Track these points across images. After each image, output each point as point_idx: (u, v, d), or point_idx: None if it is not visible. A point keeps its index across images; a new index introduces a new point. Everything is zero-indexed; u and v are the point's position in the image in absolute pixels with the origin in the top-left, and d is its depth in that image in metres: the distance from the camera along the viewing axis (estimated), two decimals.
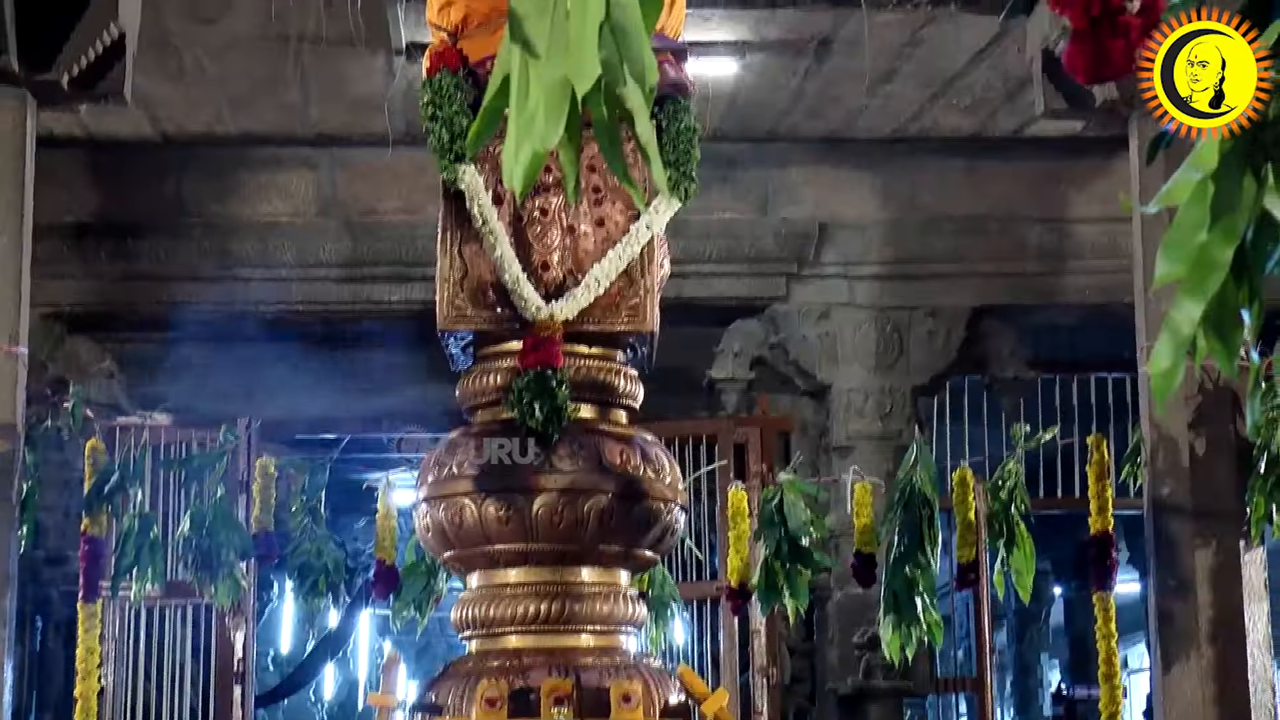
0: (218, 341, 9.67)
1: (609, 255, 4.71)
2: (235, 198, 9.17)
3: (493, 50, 4.65)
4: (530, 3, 1.78)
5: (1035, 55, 6.85)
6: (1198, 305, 1.75)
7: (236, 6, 7.43)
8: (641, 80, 1.79)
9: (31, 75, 6.20)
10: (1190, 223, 1.73)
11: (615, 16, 1.77)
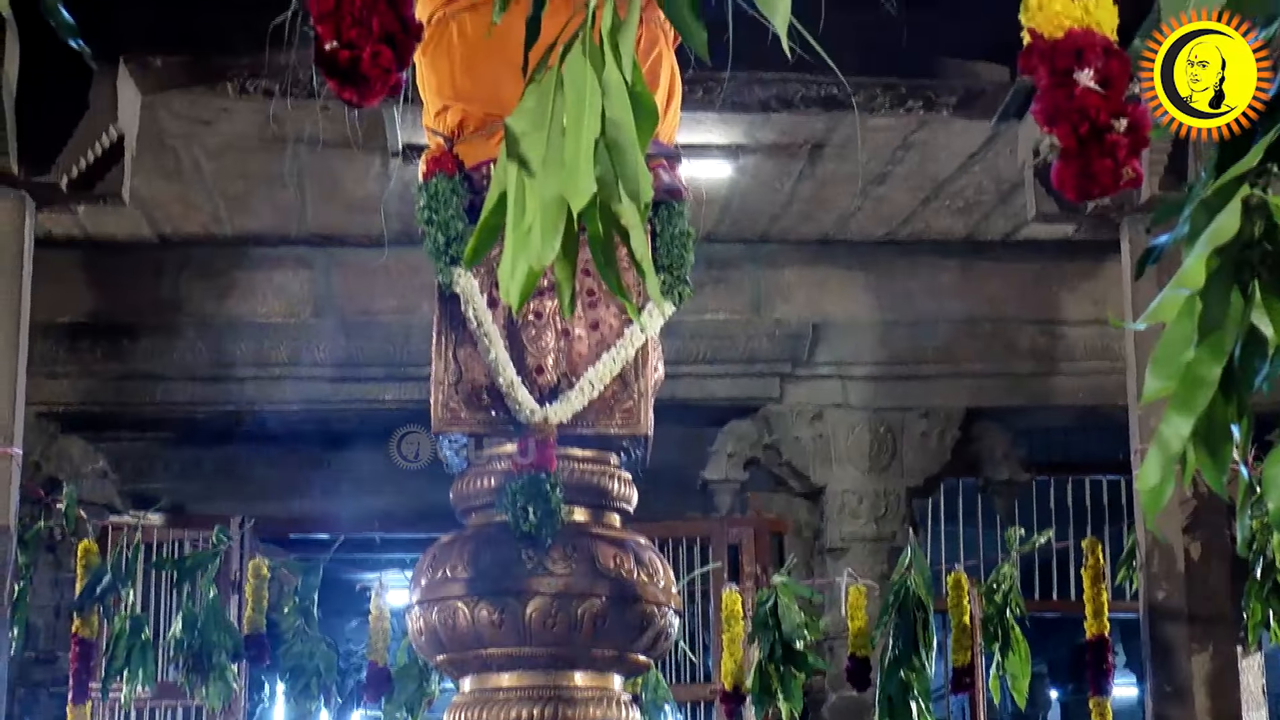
0: (211, 440, 9.67)
1: (603, 359, 4.72)
2: (231, 297, 9.20)
3: (488, 155, 4.70)
4: (527, 120, 1.80)
5: (1026, 159, 6.91)
6: (1187, 421, 1.77)
7: (234, 109, 7.49)
8: (636, 197, 1.81)
9: (31, 177, 6.25)
10: (1178, 339, 1.75)
11: (610, 134, 1.80)
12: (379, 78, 1.79)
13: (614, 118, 1.80)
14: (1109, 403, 8.08)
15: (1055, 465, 9.84)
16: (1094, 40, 1.88)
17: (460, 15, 4.78)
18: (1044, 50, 1.91)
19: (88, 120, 6.37)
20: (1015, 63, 6.49)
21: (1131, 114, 1.85)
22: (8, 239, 6.27)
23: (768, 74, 6.71)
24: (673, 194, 4.85)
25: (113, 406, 9.20)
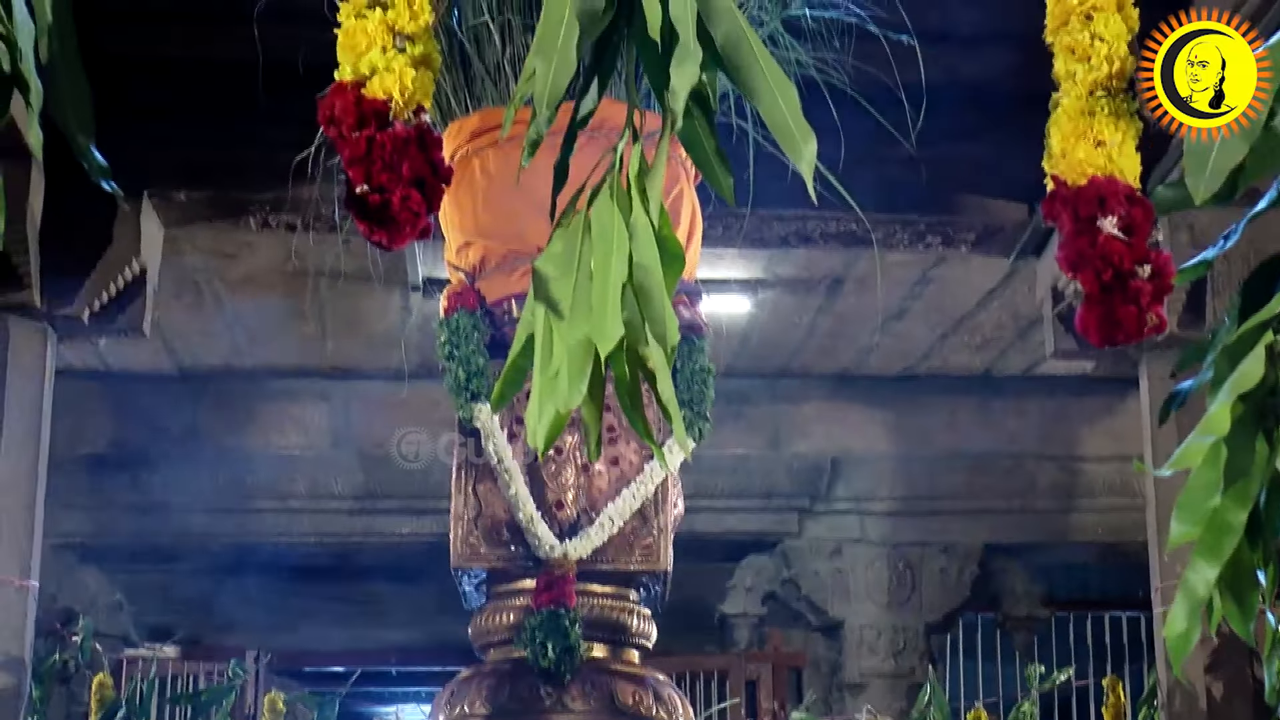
0: (228, 573, 9.64)
1: (623, 494, 4.72)
2: (249, 429, 9.22)
3: (509, 291, 4.73)
4: (554, 264, 1.82)
5: (1045, 296, 6.91)
6: (1213, 567, 1.76)
7: (257, 243, 7.55)
8: (663, 340, 1.83)
9: (53, 309, 6.27)
10: (1204, 486, 1.75)
11: (638, 278, 1.81)
12: (409, 221, 1.81)
13: (641, 262, 1.82)
14: (1129, 539, 8.04)
15: (1075, 601, 9.78)
16: (1117, 188, 1.90)
17: (483, 152, 4.82)
18: (1067, 197, 1.92)
19: (111, 253, 6.41)
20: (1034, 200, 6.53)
21: (1155, 261, 1.86)
22: (29, 371, 6.28)
23: (787, 211, 6.74)
24: (693, 330, 4.87)
25: (130, 538, 9.19)
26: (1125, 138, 1.95)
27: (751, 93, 1.90)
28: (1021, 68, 4.31)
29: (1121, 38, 1.98)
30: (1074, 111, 1.96)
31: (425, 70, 1.88)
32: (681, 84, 1.83)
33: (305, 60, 5.05)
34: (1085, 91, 1.97)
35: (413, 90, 1.86)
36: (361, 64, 1.86)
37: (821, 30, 5.02)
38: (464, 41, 4.77)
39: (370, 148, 1.79)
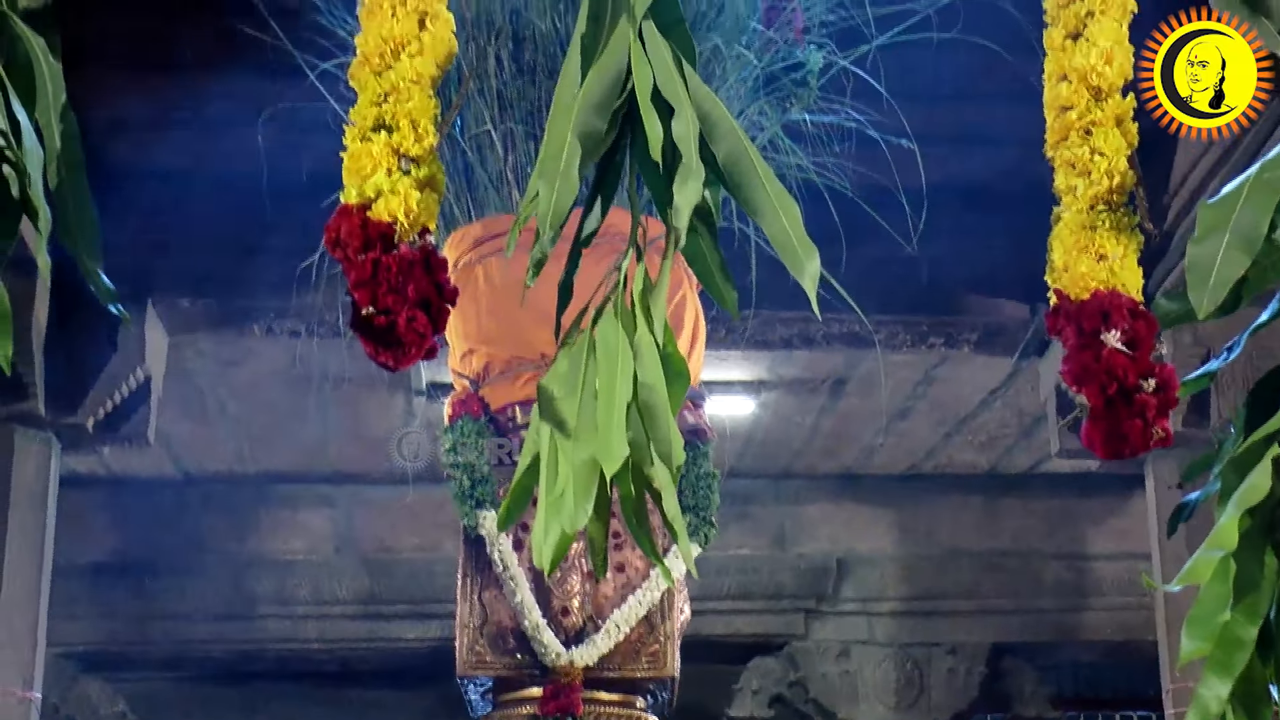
0: (231, 679, 9.59)
1: (629, 601, 4.70)
2: (253, 535, 9.19)
3: (514, 398, 4.73)
4: (560, 384, 1.83)
5: (1049, 395, 6.92)
6: (1225, 683, 1.75)
7: (260, 349, 7.56)
8: (668, 460, 1.83)
9: (57, 419, 6.27)
10: (1214, 600, 1.74)
11: (643, 397, 1.82)
12: (415, 342, 1.81)
13: (646, 381, 1.82)
14: (1139, 637, 8.01)
15: (1085, 701, 9.71)
16: (1120, 302, 1.90)
17: (487, 260, 4.84)
18: (1071, 312, 1.93)
19: (115, 362, 6.42)
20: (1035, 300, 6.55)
21: (1159, 374, 1.87)
22: (32, 482, 6.28)
23: (790, 313, 6.76)
24: (698, 435, 4.87)
25: (133, 646, 9.14)
26: (1127, 251, 1.96)
27: (754, 209, 1.91)
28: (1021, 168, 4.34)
29: (1121, 152, 2.00)
30: (1075, 225, 1.97)
31: (430, 192, 1.90)
32: (685, 202, 1.84)
33: (309, 168, 5.09)
34: (1086, 206, 1.98)
35: (418, 212, 1.87)
36: (367, 187, 1.87)
37: (821, 134, 5.06)
38: (466, 150, 4.81)
39: (376, 270, 1.80)
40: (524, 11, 4.50)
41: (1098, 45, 2.03)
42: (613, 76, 1.89)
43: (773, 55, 4.79)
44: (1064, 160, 2.02)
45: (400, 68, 1.92)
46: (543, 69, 4.53)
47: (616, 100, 1.89)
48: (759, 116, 4.86)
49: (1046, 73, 2.10)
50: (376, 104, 1.91)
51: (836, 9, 4.86)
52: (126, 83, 5.88)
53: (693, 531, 4.75)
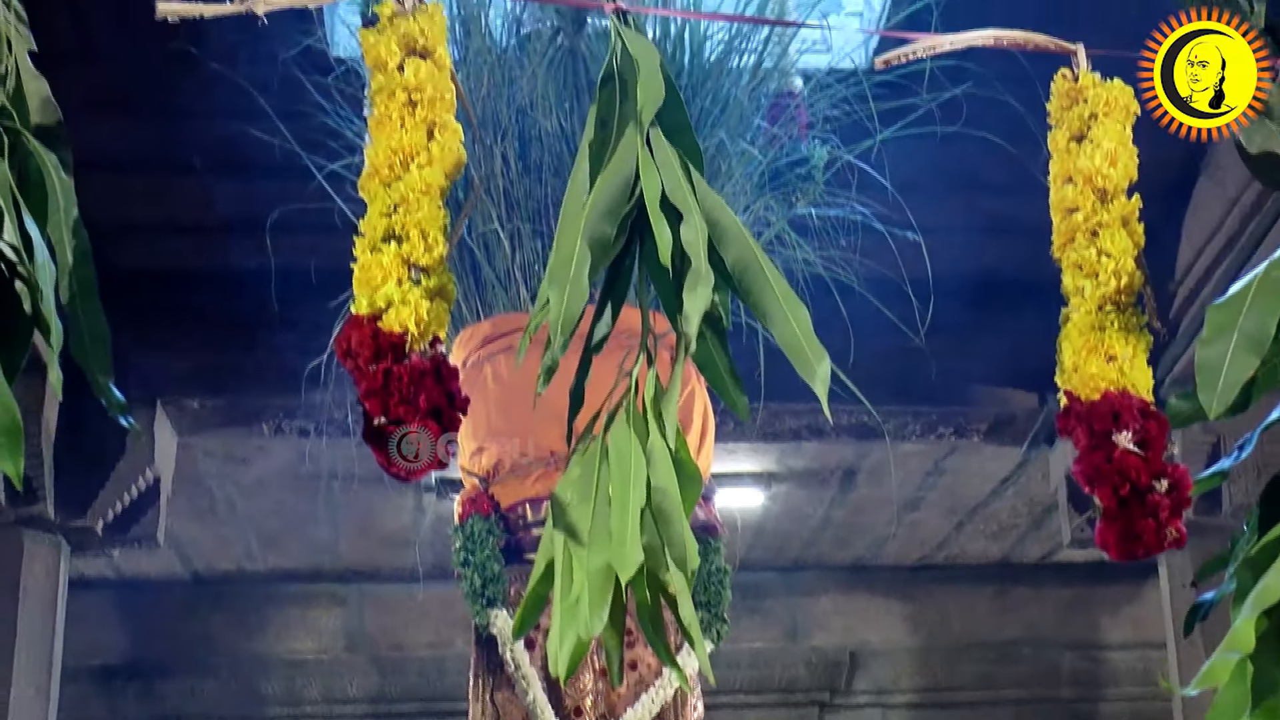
0: None
1: (642, 700, 4.66)
2: (262, 635, 9.16)
3: (524, 496, 4.72)
4: (573, 490, 1.83)
5: (1059, 484, 6.92)
6: None
7: (270, 447, 7.56)
8: (683, 564, 1.83)
9: (67, 522, 6.28)
10: (1232, 704, 1.73)
11: (656, 502, 1.82)
12: None
13: (659, 485, 1.82)
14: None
15: None
16: (1130, 402, 1.91)
17: (495, 358, 4.85)
18: (1081, 412, 1.94)
19: (124, 464, 6.44)
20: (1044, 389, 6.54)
21: (1172, 475, 1.87)
22: (41, 585, 6.27)
23: (799, 405, 6.76)
24: (709, 531, 4.85)
25: None
26: (1136, 351, 1.97)
27: (764, 314, 1.92)
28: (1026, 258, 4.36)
29: (1128, 253, 2.01)
30: (1084, 326, 1.98)
31: (441, 301, 1.91)
32: (695, 308, 1.85)
33: (317, 266, 5.12)
34: (1094, 306, 1.99)
35: (428, 322, 1.88)
36: (377, 297, 1.88)
37: (828, 228, 5.08)
38: (474, 248, 4.83)
39: (387, 381, 1.81)
40: (530, 111, 4.53)
41: (1102, 147, 2.05)
42: (621, 183, 1.90)
43: (778, 151, 4.82)
44: (1071, 262, 2.04)
45: (409, 179, 1.94)
46: (549, 168, 4.56)
47: (625, 206, 1.90)
48: (765, 212, 4.88)
49: (1051, 175, 2.11)
50: (386, 215, 1.92)
51: (840, 104, 4.89)
52: (136, 184, 5.93)
53: (705, 628, 4.73)
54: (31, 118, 1.97)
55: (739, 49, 4.60)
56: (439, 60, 2.03)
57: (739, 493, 8.10)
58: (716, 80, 4.59)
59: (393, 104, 1.97)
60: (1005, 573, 9.19)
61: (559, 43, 4.47)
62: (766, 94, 4.81)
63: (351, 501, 8.09)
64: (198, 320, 6.44)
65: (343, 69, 4.93)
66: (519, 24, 4.60)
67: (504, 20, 4.61)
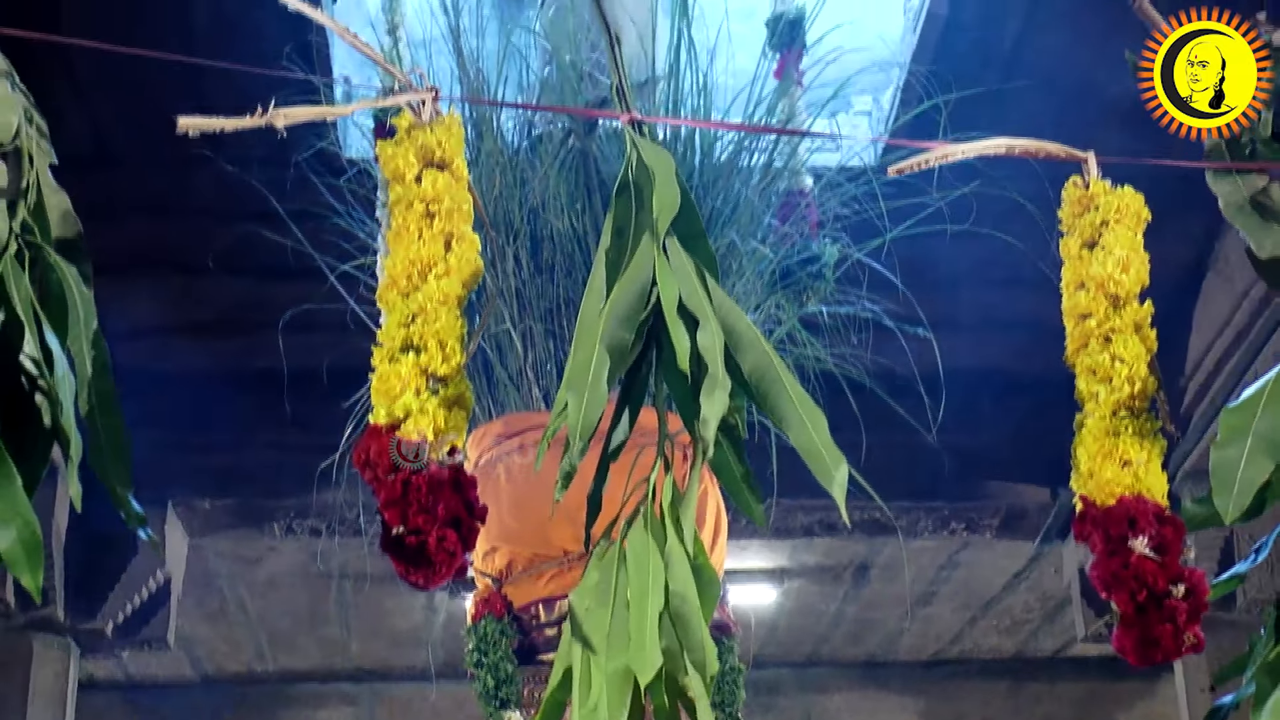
0: None
1: None
2: None
3: (537, 596, 4.71)
4: (591, 596, 1.83)
5: (1072, 579, 6.90)
6: None
7: (280, 547, 7.56)
8: (702, 669, 1.83)
9: (77, 625, 6.27)
10: None
11: (674, 606, 1.82)
12: (445, 561, 1.83)
13: (677, 590, 1.83)
14: None
15: None
16: (1146, 507, 1.91)
17: (509, 457, 4.84)
18: (1097, 518, 1.94)
19: (135, 565, 6.44)
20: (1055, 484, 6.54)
21: (1189, 579, 1.87)
22: (51, 687, 6.25)
23: (811, 500, 6.77)
24: (722, 630, 4.83)
25: None
26: (1151, 456, 1.97)
27: (780, 419, 1.93)
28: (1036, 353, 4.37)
29: (1141, 359, 2.02)
30: (1099, 432, 1.99)
31: (458, 410, 1.92)
32: (712, 414, 1.86)
33: (329, 366, 5.13)
34: (1109, 412, 2.00)
35: (446, 430, 1.89)
36: (396, 407, 1.89)
37: (839, 325, 5.09)
38: (486, 348, 4.84)
39: (406, 490, 1.82)
40: (542, 212, 4.56)
41: (1114, 254, 2.06)
42: (638, 290, 1.91)
43: (789, 249, 4.84)
44: (1085, 367, 2.04)
45: (427, 289, 1.95)
46: (561, 268, 4.57)
47: (642, 313, 1.92)
48: (776, 310, 4.89)
49: (1064, 281, 2.13)
50: (404, 325, 1.94)
51: (850, 203, 4.92)
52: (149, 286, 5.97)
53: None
54: (52, 231, 1.99)
55: (749, 149, 4.63)
56: (456, 171, 2.05)
57: (752, 589, 8.08)
58: (727, 180, 4.61)
59: (410, 215, 1.99)
60: (1019, 668, 9.15)
61: (570, 144, 4.50)
62: (777, 193, 4.83)
63: (363, 601, 8.07)
64: (209, 421, 6.45)
65: (355, 170, 4.96)
66: (531, 125, 4.63)
67: (516, 122, 4.64)
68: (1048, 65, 5.52)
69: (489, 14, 5.23)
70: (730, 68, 4.89)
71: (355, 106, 2.53)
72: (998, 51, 5.58)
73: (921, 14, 5.62)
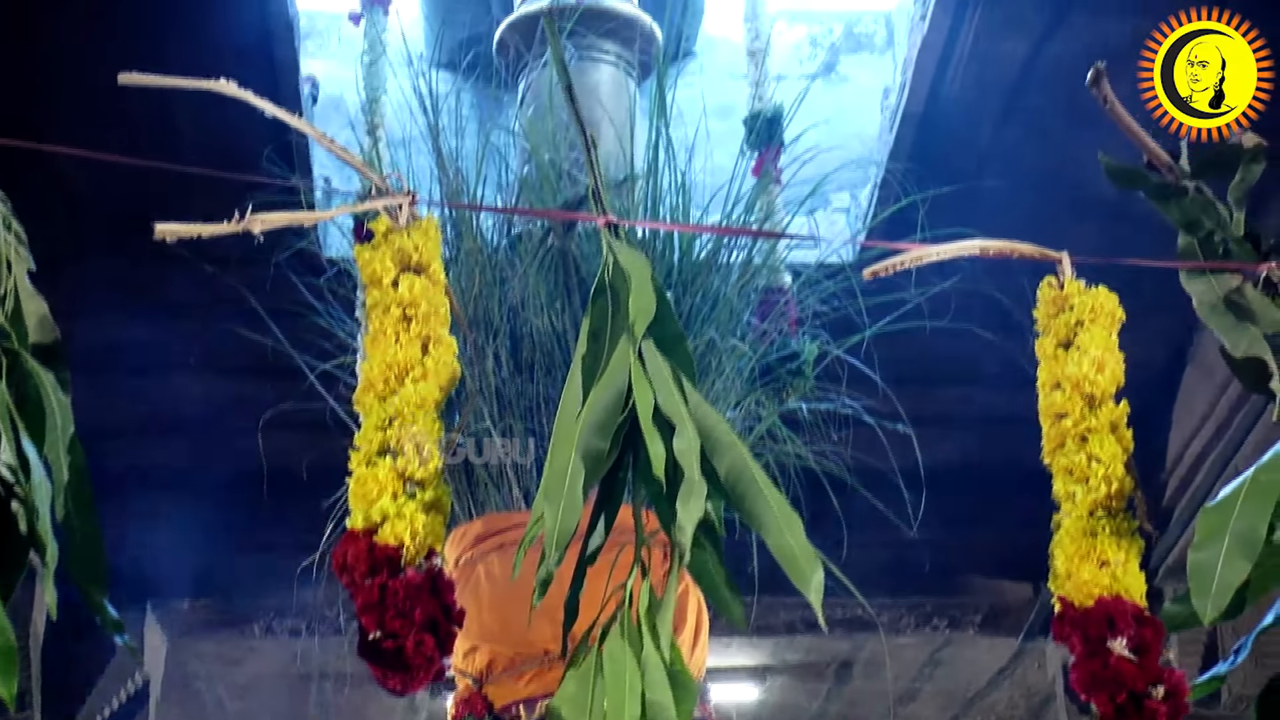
0: None
1: None
2: None
3: (518, 695, 4.68)
4: (569, 706, 1.83)
5: (1056, 674, 6.88)
6: None
7: (260, 648, 7.51)
8: None
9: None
10: None
11: (652, 715, 1.82)
12: (423, 666, 1.82)
13: (654, 699, 1.82)
14: None
15: None
16: (1124, 608, 1.91)
17: (488, 557, 4.83)
18: (1075, 619, 1.94)
19: (113, 667, 6.39)
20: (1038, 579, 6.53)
21: (1169, 680, 1.87)
22: None
23: (792, 598, 6.72)
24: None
25: None
26: (1129, 556, 1.97)
27: (757, 523, 1.93)
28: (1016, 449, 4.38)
29: (1117, 459, 2.02)
30: (1076, 532, 1.99)
31: (436, 514, 1.92)
32: (689, 519, 1.86)
33: (309, 465, 5.12)
34: (1085, 512, 2.00)
35: (424, 535, 1.89)
36: (373, 511, 1.89)
37: (819, 421, 5.09)
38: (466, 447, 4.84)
39: (383, 595, 1.81)
40: (521, 310, 4.57)
41: (1089, 354, 2.07)
42: (614, 396, 1.92)
43: (768, 346, 4.85)
44: (1061, 467, 2.05)
45: (404, 393, 1.96)
46: (540, 366, 4.58)
47: (618, 418, 1.92)
48: (756, 407, 4.89)
49: (1040, 380, 2.14)
50: (381, 429, 1.94)
51: (829, 300, 4.94)
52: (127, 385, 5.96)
53: None
54: (30, 336, 2.00)
55: (728, 246, 4.65)
56: (433, 275, 2.06)
57: (734, 687, 8.03)
58: (706, 277, 4.62)
59: (387, 319, 2.00)
60: None
61: (550, 243, 4.52)
62: (756, 290, 4.85)
63: (344, 702, 8.01)
64: (187, 522, 6.42)
65: (334, 270, 4.97)
66: (510, 224, 4.64)
67: (495, 221, 4.66)
68: (1022, 162, 5.57)
69: (468, 114, 5.27)
70: (708, 165, 4.92)
71: (333, 212, 2.54)
72: (973, 149, 5.63)
73: (898, 113, 5.67)
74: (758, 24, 5.94)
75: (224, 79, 2.14)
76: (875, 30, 6.90)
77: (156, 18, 5.07)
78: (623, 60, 5.60)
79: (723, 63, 6.64)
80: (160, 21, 5.07)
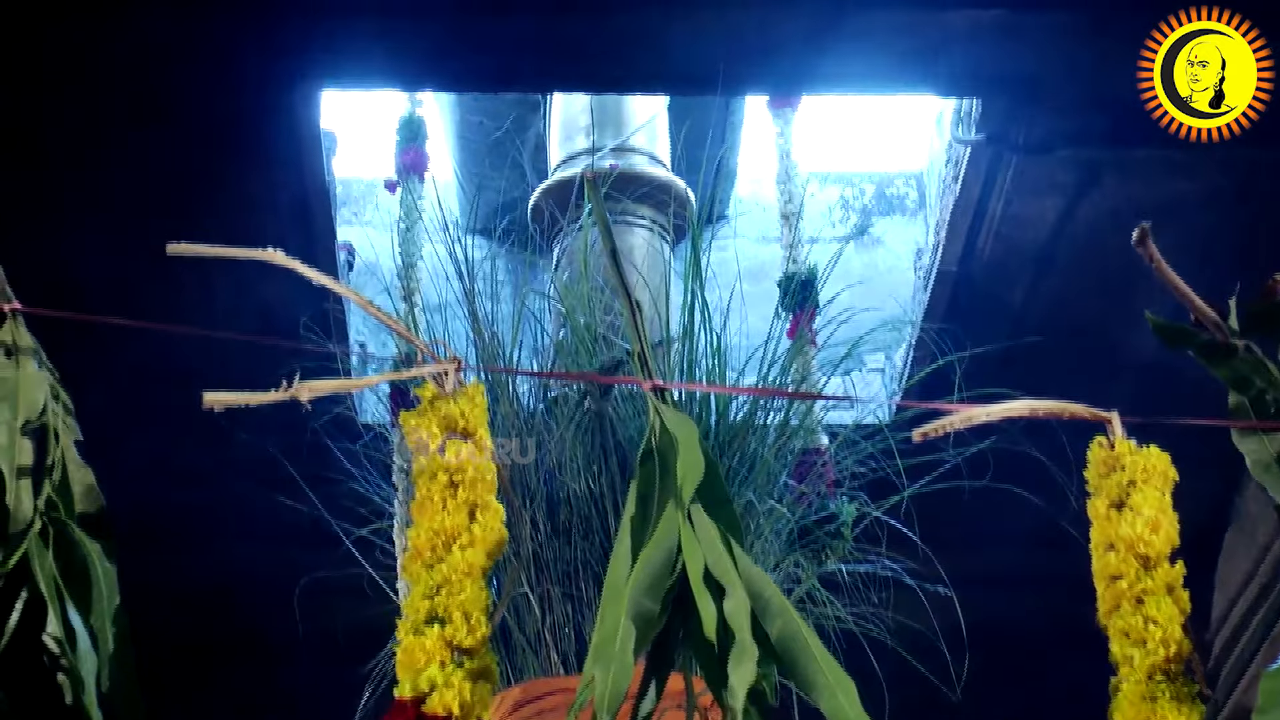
0: None
1: None
2: None
3: None
4: None
5: None
6: None
7: None
8: None
9: None
10: None
11: None
12: None
13: None
14: None
15: None
16: None
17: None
18: None
19: None
20: None
21: None
22: None
23: None
24: None
25: None
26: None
27: (809, 686, 1.91)
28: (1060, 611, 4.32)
29: (1174, 620, 2.00)
30: (1135, 697, 1.96)
31: (484, 683, 1.91)
32: (740, 683, 1.84)
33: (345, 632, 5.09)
34: (1144, 675, 1.97)
35: (471, 704, 1.88)
36: (420, 680, 1.88)
37: (858, 582, 5.05)
38: (504, 612, 4.81)
39: None
40: (559, 474, 4.56)
41: (1142, 515, 2.06)
42: (663, 558, 1.91)
43: (806, 508, 4.83)
44: (1118, 629, 2.02)
45: (452, 560, 1.95)
46: (578, 530, 4.56)
47: (668, 581, 1.91)
48: (795, 569, 4.86)
49: (1093, 542, 2.11)
50: (429, 597, 1.93)
51: (866, 461, 4.92)
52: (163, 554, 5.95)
53: None
54: (76, 506, 2.00)
55: (765, 408, 4.65)
56: (480, 441, 2.06)
57: None
58: (743, 439, 4.62)
59: (434, 486, 1.99)
60: None
61: (586, 406, 4.53)
62: (793, 451, 4.84)
63: None
64: (226, 691, 6.38)
65: (370, 435, 4.97)
66: (546, 389, 4.66)
67: (531, 385, 4.67)
68: (1056, 320, 5.57)
69: (503, 279, 5.31)
70: (743, 327, 4.93)
71: (380, 378, 2.55)
72: (1007, 307, 5.63)
73: (931, 272, 5.69)
74: (791, 186, 5.98)
75: (269, 248, 2.16)
76: (906, 192, 6.95)
77: (196, 184, 5.13)
78: (657, 225, 5.65)
79: (756, 225, 6.70)
80: (199, 189, 5.13)
